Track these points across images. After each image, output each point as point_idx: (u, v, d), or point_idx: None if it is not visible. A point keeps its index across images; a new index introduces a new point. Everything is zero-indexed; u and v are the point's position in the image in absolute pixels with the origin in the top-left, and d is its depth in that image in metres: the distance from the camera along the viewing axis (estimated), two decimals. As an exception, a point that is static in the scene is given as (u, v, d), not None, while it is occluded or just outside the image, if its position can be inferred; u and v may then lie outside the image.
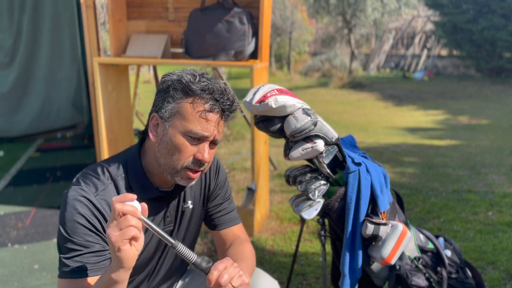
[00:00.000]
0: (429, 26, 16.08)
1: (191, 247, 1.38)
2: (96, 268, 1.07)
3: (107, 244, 1.09)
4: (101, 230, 1.07)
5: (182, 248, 0.98)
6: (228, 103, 1.10)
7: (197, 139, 1.09)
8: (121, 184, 1.12)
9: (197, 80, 1.08)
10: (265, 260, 2.53)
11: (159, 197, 1.17)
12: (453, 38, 13.47)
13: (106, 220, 1.07)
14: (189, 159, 1.09)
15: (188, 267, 1.44)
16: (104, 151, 2.86)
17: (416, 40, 16.69)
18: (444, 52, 15.66)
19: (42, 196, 3.50)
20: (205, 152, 1.10)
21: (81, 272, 1.05)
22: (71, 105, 5.27)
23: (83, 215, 1.04)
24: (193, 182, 1.14)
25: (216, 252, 2.56)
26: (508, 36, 11.71)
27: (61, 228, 1.05)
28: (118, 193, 1.11)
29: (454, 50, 14.55)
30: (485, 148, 5.18)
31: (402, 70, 15.35)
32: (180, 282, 1.41)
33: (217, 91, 1.08)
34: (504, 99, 9.29)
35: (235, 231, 1.36)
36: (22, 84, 5.06)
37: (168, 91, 1.10)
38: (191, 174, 1.11)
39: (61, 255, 1.06)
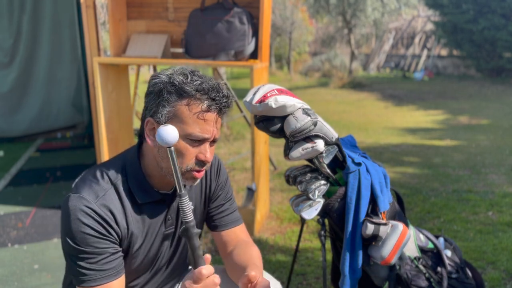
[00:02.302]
0: (429, 26, 16.07)
1: None
2: (116, 272, 1.08)
3: (117, 245, 1.10)
4: (108, 235, 1.07)
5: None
6: (224, 100, 1.08)
7: (198, 141, 1.08)
8: (121, 188, 1.11)
9: (189, 79, 1.06)
10: (265, 260, 2.52)
11: (159, 200, 1.17)
12: (453, 38, 13.45)
13: (109, 225, 1.07)
14: (192, 161, 1.09)
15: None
16: (104, 151, 2.86)
17: (416, 40, 16.68)
18: (444, 52, 15.65)
19: (42, 196, 3.50)
20: (207, 153, 1.09)
21: (102, 278, 1.05)
22: (71, 105, 5.27)
23: (89, 226, 1.04)
24: (197, 182, 1.14)
25: (217, 252, 2.55)
26: (508, 36, 11.70)
27: (70, 241, 1.04)
28: (119, 197, 1.10)
29: (454, 50, 14.53)
30: (485, 148, 5.18)
31: (402, 70, 15.34)
32: (180, 284, 1.40)
33: (212, 90, 1.06)
34: (504, 99, 9.29)
35: (237, 232, 1.34)
36: (22, 84, 5.06)
37: (161, 95, 1.07)
38: (196, 174, 1.11)
39: (76, 266, 1.05)
